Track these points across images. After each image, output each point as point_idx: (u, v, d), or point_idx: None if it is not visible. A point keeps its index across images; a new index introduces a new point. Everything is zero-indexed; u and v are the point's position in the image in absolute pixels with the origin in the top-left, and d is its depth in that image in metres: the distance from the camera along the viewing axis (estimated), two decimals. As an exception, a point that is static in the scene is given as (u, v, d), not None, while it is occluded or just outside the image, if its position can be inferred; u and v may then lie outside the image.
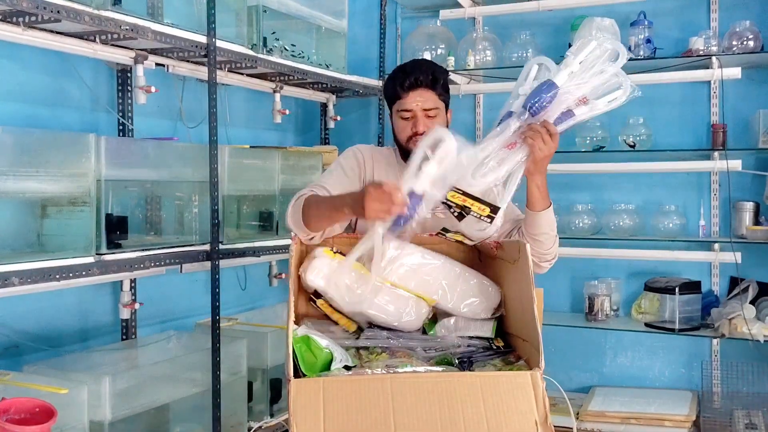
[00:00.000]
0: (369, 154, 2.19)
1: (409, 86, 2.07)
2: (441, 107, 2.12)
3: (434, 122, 2.09)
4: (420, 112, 2.08)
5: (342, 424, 1.48)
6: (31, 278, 2.01)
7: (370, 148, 2.24)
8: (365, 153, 2.19)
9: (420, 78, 2.07)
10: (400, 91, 2.08)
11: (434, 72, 2.10)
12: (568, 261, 3.84)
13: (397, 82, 2.09)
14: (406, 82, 2.07)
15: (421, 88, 2.07)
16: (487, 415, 1.51)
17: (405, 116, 2.09)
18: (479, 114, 4.07)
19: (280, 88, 3.40)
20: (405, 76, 2.08)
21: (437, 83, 2.09)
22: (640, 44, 3.52)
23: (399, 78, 2.10)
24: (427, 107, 2.08)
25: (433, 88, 2.09)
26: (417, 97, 2.07)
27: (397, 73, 2.12)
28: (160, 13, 2.56)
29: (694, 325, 3.43)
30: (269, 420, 2.93)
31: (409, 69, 2.10)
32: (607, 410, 3.43)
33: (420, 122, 2.08)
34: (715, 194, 3.64)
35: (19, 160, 2.06)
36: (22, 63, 2.50)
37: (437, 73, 2.10)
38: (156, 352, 2.68)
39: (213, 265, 2.69)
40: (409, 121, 2.09)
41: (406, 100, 2.08)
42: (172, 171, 2.66)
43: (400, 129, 2.12)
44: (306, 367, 1.62)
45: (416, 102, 2.07)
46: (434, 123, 2.09)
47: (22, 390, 2.04)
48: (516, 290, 1.82)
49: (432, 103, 2.09)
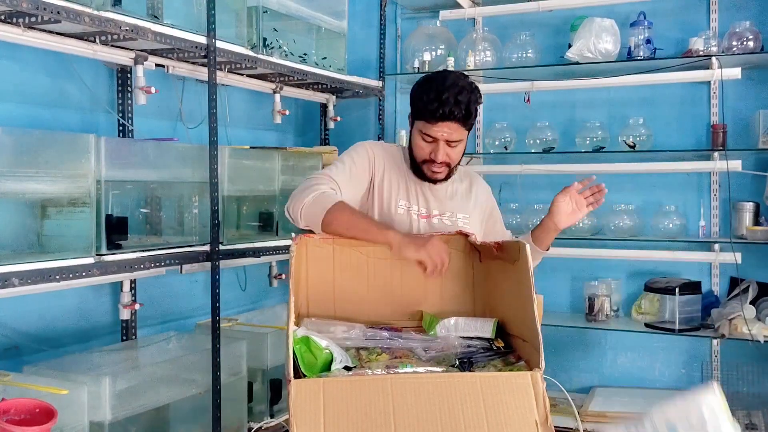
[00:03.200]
0: (380, 152, 2.17)
1: (440, 117, 1.98)
2: (465, 137, 2.08)
3: (455, 151, 2.08)
4: (443, 141, 2.04)
5: (342, 424, 1.48)
6: (31, 279, 2.01)
7: (381, 146, 2.22)
8: (377, 151, 2.17)
9: (454, 111, 1.97)
10: (429, 118, 2.00)
11: (468, 105, 1.98)
12: (568, 261, 3.84)
13: (429, 107, 1.98)
14: (438, 111, 1.97)
15: (451, 121, 1.99)
16: (487, 416, 1.51)
17: (427, 140, 2.05)
18: (479, 114, 4.05)
19: (280, 89, 3.40)
20: (439, 107, 1.96)
21: (469, 117, 2.01)
22: (640, 45, 3.52)
23: (432, 104, 1.97)
24: (453, 139, 2.04)
25: (463, 122, 2.01)
26: (445, 128, 2.01)
27: (431, 96, 1.98)
28: (160, 13, 2.56)
29: (694, 325, 3.43)
30: (269, 421, 2.93)
31: (444, 97, 1.96)
32: (608, 411, 3.43)
33: (440, 152, 2.04)
34: (715, 194, 3.64)
35: (19, 161, 2.06)
36: (22, 64, 2.50)
37: (471, 106, 2.00)
38: (156, 352, 2.68)
39: (213, 266, 2.69)
40: (429, 144, 2.06)
41: (433, 128, 2.01)
42: (172, 172, 2.66)
43: (419, 148, 2.08)
44: (306, 368, 1.62)
45: (443, 133, 2.02)
46: (454, 153, 2.08)
47: (23, 391, 2.04)
48: (516, 291, 1.82)
49: (458, 135, 2.04)
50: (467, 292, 2.08)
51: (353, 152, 2.15)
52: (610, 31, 3.55)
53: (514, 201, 3.89)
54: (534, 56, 3.75)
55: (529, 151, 3.76)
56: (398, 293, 2.04)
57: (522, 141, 3.80)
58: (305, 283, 1.99)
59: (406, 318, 2.03)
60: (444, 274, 1.90)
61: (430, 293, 2.06)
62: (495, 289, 2.02)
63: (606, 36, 3.53)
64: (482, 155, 3.91)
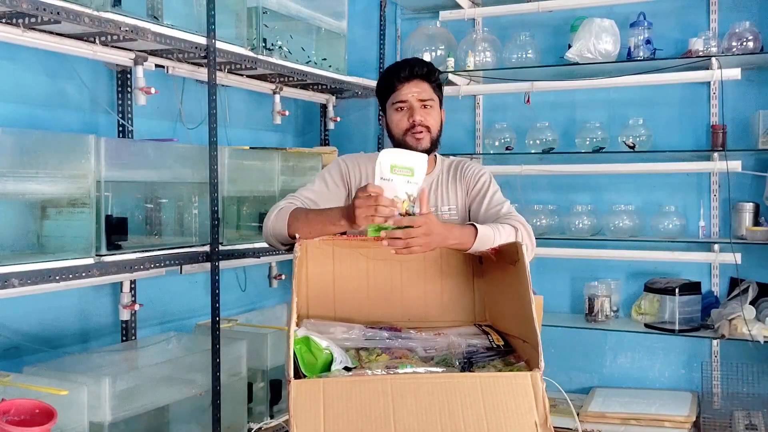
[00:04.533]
0: (354, 162, 2.23)
1: (404, 77, 2.11)
2: (436, 100, 2.16)
3: (430, 114, 2.13)
4: (416, 102, 2.11)
5: (342, 425, 1.48)
6: (31, 279, 2.01)
7: (354, 156, 2.27)
8: (349, 162, 2.22)
9: (415, 69, 2.12)
10: (396, 83, 2.12)
11: (428, 64, 2.17)
12: (568, 262, 3.85)
13: (392, 74, 2.13)
14: (401, 73, 2.11)
15: (417, 79, 2.12)
16: (487, 416, 1.51)
17: (401, 107, 2.12)
18: (479, 115, 4.07)
19: (280, 89, 3.40)
20: (400, 69, 2.13)
21: (432, 75, 2.14)
22: (639, 45, 3.52)
23: (393, 71, 2.14)
24: (423, 98, 2.12)
25: (428, 79, 2.13)
26: (413, 88, 2.11)
27: (391, 68, 2.17)
28: (159, 14, 2.56)
29: (694, 325, 3.43)
30: (269, 421, 2.93)
31: (402, 62, 2.16)
32: (607, 411, 3.43)
33: (417, 112, 2.11)
34: (715, 195, 3.64)
35: (19, 162, 2.06)
36: (21, 64, 2.50)
37: (432, 66, 2.17)
38: (156, 353, 2.68)
39: (213, 267, 2.69)
40: (405, 112, 2.12)
41: (402, 91, 2.12)
42: (171, 172, 2.66)
43: (396, 122, 2.14)
44: (306, 368, 1.62)
45: (412, 93, 2.11)
46: (430, 114, 2.13)
47: (22, 391, 2.04)
48: (516, 291, 1.82)
49: (427, 94, 2.13)
50: (467, 293, 2.08)
51: (325, 170, 2.23)
52: (610, 31, 3.55)
53: (513, 201, 3.83)
54: (534, 57, 3.75)
55: (528, 151, 3.77)
56: (398, 294, 2.04)
57: (522, 141, 3.80)
58: (305, 284, 1.99)
59: (406, 319, 2.03)
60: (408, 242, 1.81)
61: (430, 294, 2.06)
62: (495, 290, 2.02)
63: (606, 36, 3.53)
64: (482, 155, 3.91)
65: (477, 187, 2.20)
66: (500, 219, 2.07)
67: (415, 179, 1.82)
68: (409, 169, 1.80)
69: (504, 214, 2.10)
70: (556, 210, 3.84)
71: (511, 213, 2.12)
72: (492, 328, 1.96)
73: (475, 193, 2.20)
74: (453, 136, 3.96)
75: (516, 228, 2.00)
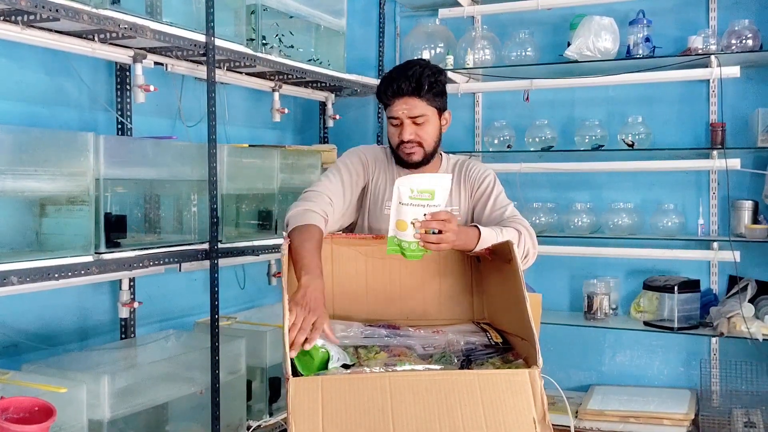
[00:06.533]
0: (372, 157, 2.21)
1: (392, 94, 2.06)
2: (430, 113, 2.08)
3: (422, 128, 2.08)
4: (406, 119, 2.06)
5: (340, 422, 1.48)
6: (29, 277, 2.00)
7: (372, 149, 2.25)
8: (368, 156, 2.20)
9: (402, 86, 2.03)
10: (385, 99, 2.08)
11: (419, 78, 2.03)
12: (567, 260, 3.85)
13: (384, 89, 2.08)
14: (389, 90, 2.06)
15: (406, 96, 2.04)
16: (486, 414, 1.51)
17: (394, 123, 2.10)
18: (478, 113, 4.07)
19: (279, 87, 3.40)
20: (389, 85, 2.06)
21: (421, 90, 2.04)
22: (638, 43, 3.52)
23: (383, 86, 2.08)
24: (414, 114, 2.06)
25: (417, 95, 2.04)
26: (402, 105, 2.05)
27: (384, 80, 2.10)
28: (158, 11, 2.56)
29: (693, 323, 3.44)
30: (268, 419, 2.93)
31: (394, 75, 2.07)
32: (606, 409, 3.44)
33: (406, 130, 2.07)
34: (714, 193, 3.64)
35: (18, 159, 2.05)
36: (20, 62, 2.49)
37: (423, 79, 2.04)
38: (155, 351, 2.68)
39: (212, 264, 2.69)
40: (396, 127, 2.10)
41: (393, 108, 2.07)
42: (171, 170, 2.66)
43: (390, 134, 2.13)
44: (302, 367, 1.62)
45: (402, 110, 2.06)
46: (422, 130, 2.09)
47: (21, 389, 2.04)
48: (511, 289, 1.82)
49: (419, 110, 2.06)
50: (466, 292, 2.08)
51: (346, 160, 2.19)
52: (609, 29, 3.55)
53: (513, 199, 3.83)
54: (533, 54, 3.75)
55: (528, 149, 3.77)
56: (397, 292, 2.04)
57: (521, 139, 3.80)
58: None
59: (405, 317, 2.03)
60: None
61: (428, 292, 2.06)
62: (492, 288, 2.03)
63: (605, 34, 3.53)
64: (481, 153, 3.91)
65: (481, 189, 2.20)
66: (503, 222, 2.08)
67: (435, 202, 1.79)
68: (429, 192, 1.78)
69: (508, 217, 2.12)
70: (555, 208, 3.84)
71: (514, 216, 2.13)
72: (490, 326, 1.96)
73: (480, 195, 2.20)
74: (452, 133, 3.94)
75: (519, 232, 2.02)
